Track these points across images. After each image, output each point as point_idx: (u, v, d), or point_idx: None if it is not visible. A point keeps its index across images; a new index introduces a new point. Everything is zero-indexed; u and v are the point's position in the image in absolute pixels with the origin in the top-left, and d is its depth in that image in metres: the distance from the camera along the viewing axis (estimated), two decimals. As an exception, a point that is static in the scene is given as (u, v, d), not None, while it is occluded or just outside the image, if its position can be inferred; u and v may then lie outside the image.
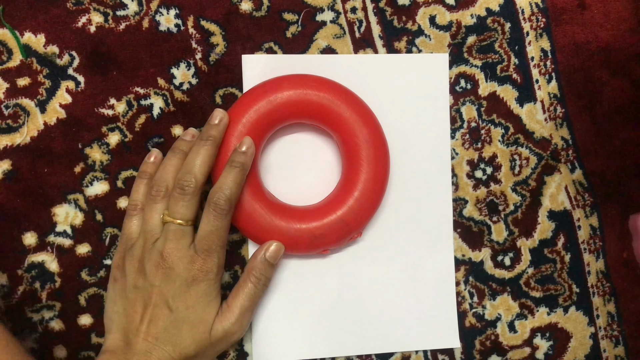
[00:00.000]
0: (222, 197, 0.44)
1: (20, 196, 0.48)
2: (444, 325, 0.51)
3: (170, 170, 0.46)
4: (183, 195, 0.44)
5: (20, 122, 0.48)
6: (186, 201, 0.44)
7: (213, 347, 0.45)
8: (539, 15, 0.50)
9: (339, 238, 0.47)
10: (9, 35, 0.47)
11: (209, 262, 0.44)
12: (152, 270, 0.44)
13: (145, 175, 0.47)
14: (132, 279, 0.45)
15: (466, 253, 0.51)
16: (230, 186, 0.44)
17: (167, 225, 0.44)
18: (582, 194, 0.52)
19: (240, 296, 0.46)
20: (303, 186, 0.50)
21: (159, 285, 0.44)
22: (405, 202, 0.50)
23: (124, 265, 0.45)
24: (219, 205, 0.44)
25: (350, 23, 0.50)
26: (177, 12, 0.48)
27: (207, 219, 0.44)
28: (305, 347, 0.50)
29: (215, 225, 0.44)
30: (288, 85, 0.46)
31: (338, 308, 0.50)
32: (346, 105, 0.46)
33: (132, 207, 0.47)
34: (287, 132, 0.50)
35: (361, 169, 0.47)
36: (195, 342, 0.44)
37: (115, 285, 0.46)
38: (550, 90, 0.51)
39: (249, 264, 0.47)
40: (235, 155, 0.45)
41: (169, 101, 0.49)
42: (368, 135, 0.46)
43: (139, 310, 0.44)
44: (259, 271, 0.46)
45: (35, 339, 0.49)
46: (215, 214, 0.44)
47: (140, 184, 0.47)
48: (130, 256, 0.45)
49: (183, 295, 0.44)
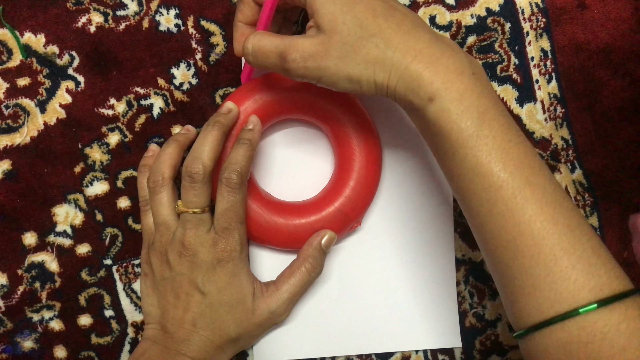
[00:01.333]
0: (233, 171, 0.43)
1: (20, 196, 0.48)
2: (445, 324, 0.51)
3: (165, 160, 0.45)
4: (193, 183, 0.43)
5: (20, 122, 0.48)
6: (197, 189, 0.43)
7: (257, 327, 0.46)
8: (539, 15, 0.50)
9: (339, 229, 0.47)
10: (9, 35, 0.47)
11: (231, 241, 0.44)
12: (177, 260, 0.44)
13: (146, 169, 0.47)
14: (159, 271, 0.45)
15: (466, 253, 0.51)
16: (239, 160, 0.43)
17: (183, 215, 0.44)
18: (582, 194, 0.52)
19: (291, 280, 0.46)
20: (298, 181, 0.50)
21: (187, 273, 0.44)
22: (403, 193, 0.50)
23: (150, 260, 0.45)
24: (231, 180, 0.43)
25: (350, 23, 0.49)
26: (177, 12, 0.48)
27: (221, 197, 0.43)
28: (305, 346, 0.50)
29: (231, 201, 0.43)
30: (275, 82, 0.46)
31: (338, 307, 0.50)
32: (333, 97, 0.46)
33: (144, 203, 0.47)
34: (277, 129, 0.50)
35: (354, 157, 0.47)
36: (235, 322, 0.44)
37: (146, 280, 0.46)
38: (550, 90, 0.51)
39: (304, 251, 0.47)
40: (243, 133, 0.45)
41: (169, 101, 0.49)
42: (357, 124, 0.46)
43: (172, 301, 0.44)
44: (315, 260, 0.46)
45: (35, 339, 0.49)
46: (229, 189, 0.43)
47: (143, 178, 0.47)
48: (153, 250, 0.45)
49: (212, 279, 0.44)
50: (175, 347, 0.44)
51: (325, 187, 0.49)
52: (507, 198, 0.36)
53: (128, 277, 0.49)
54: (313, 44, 0.38)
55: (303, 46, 0.38)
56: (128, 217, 0.49)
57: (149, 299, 0.46)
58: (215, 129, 0.44)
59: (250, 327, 0.45)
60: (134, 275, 0.49)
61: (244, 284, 0.45)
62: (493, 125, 0.36)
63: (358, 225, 0.49)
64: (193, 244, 0.43)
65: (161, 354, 0.44)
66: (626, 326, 0.34)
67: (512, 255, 0.36)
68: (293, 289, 0.46)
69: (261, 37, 0.40)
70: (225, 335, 0.44)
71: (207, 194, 0.44)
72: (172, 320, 0.44)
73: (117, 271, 0.49)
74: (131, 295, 0.49)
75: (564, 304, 0.35)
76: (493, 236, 0.37)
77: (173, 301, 0.44)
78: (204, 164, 0.43)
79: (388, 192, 0.50)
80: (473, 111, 0.36)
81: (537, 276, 0.35)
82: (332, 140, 0.48)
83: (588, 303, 0.34)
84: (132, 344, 0.49)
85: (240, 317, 0.45)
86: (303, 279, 0.46)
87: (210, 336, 0.44)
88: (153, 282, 0.46)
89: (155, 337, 0.45)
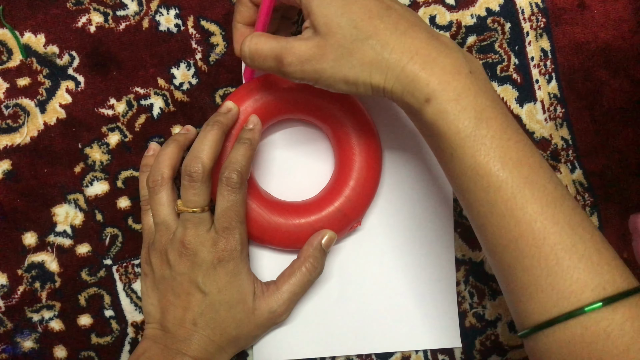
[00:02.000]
0: (233, 170, 0.43)
1: (20, 196, 0.48)
2: (445, 324, 0.51)
3: (164, 160, 0.45)
4: (192, 182, 0.43)
5: (20, 122, 0.48)
6: (196, 189, 0.43)
7: (257, 327, 0.46)
8: (539, 15, 0.50)
9: (339, 229, 0.47)
10: (9, 35, 0.47)
11: (232, 240, 0.44)
12: (177, 259, 0.44)
13: (148, 168, 0.47)
14: (160, 271, 0.45)
15: (466, 253, 0.51)
16: (239, 160, 0.43)
17: (183, 215, 0.44)
18: (582, 194, 0.52)
19: (292, 280, 0.46)
20: (298, 181, 0.50)
21: (187, 272, 0.44)
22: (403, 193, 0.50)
23: (150, 259, 0.45)
24: (231, 179, 0.43)
25: (350, 23, 0.49)
26: (177, 12, 0.48)
27: (221, 196, 0.43)
28: (305, 346, 0.50)
29: (231, 200, 0.43)
30: (274, 82, 0.46)
31: (338, 307, 0.50)
32: (332, 97, 0.46)
33: (144, 202, 0.47)
34: (277, 129, 0.50)
35: (354, 158, 0.47)
36: (236, 322, 0.44)
37: (146, 280, 0.46)
38: (550, 90, 0.51)
39: (305, 250, 0.47)
40: (244, 133, 0.45)
41: (169, 101, 0.49)
42: (357, 124, 0.46)
43: (172, 300, 0.44)
44: (316, 260, 0.46)
45: (35, 339, 0.49)
46: (229, 189, 0.43)
47: (144, 177, 0.47)
48: (153, 250, 0.45)
49: (212, 278, 0.44)
50: (176, 346, 0.44)
51: (325, 187, 0.49)
52: (507, 198, 0.35)
53: (128, 277, 0.49)
54: (309, 47, 0.37)
55: (299, 49, 0.38)
56: (128, 217, 0.49)
57: (149, 299, 0.46)
58: (215, 128, 0.43)
59: (251, 327, 0.45)
60: (134, 275, 0.49)
61: (244, 284, 0.45)
62: (491, 125, 0.36)
63: (358, 225, 0.49)
64: (193, 243, 0.43)
65: (161, 353, 0.44)
66: (630, 325, 0.34)
67: (513, 256, 0.36)
68: (293, 289, 0.46)
69: (258, 40, 0.39)
70: (225, 334, 0.45)
71: (206, 193, 0.43)
72: (172, 319, 0.44)
73: (117, 271, 0.49)
74: (131, 295, 0.49)
75: (566, 304, 0.34)
76: (494, 236, 0.37)
77: (173, 300, 0.44)
78: (203, 163, 0.42)
79: (388, 192, 0.50)
80: (470, 111, 0.36)
81: (539, 276, 0.35)
82: (332, 140, 0.48)
83: (592, 302, 0.34)
84: (132, 344, 0.49)
85: (240, 316, 0.45)
86: (304, 278, 0.46)
87: (210, 335, 0.44)
88: (153, 281, 0.46)
89: (155, 336, 0.45)
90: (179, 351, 0.44)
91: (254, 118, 0.45)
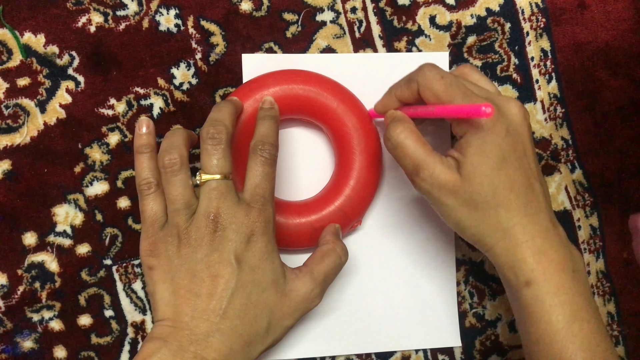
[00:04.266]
0: (267, 142, 0.41)
1: (20, 196, 0.48)
2: (445, 324, 0.51)
3: (178, 138, 0.42)
4: (216, 145, 0.40)
5: (20, 122, 0.48)
6: (221, 151, 0.40)
7: (290, 314, 0.41)
8: (539, 15, 0.50)
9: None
10: (9, 35, 0.47)
11: (266, 212, 0.40)
12: (201, 238, 0.39)
13: (146, 148, 0.43)
14: (177, 258, 0.40)
15: (466, 253, 0.51)
16: (270, 133, 0.42)
17: (206, 184, 0.39)
18: (582, 194, 0.52)
19: (325, 263, 0.43)
20: (298, 181, 0.50)
21: (215, 250, 0.39)
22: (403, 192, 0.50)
23: (158, 250, 0.40)
24: (265, 150, 0.41)
25: (350, 23, 0.50)
26: (177, 12, 0.48)
27: (254, 168, 0.41)
28: (305, 346, 0.50)
29: (265, 172, 0.41)
30: (273, 82, 0.46)
31: (338, 307, 0.50)
32: (333, 96, 0.46)
33: (146, 185, 0.41)
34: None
35: (354, 157, 0.47)
36: (268, 308, 0.40)
37: (152, 274, 0.40)
38: (550, 90, 0.51)
39: (326, 238, 0.45)
40: (264, 111, 0.44)
41: (169, 101, 0.49)
42: (357, 123, 0.47)
43: (193, 288, 0.39)
44: (342, 245, 0.45)
45: (35, 339, 0.49)
46: (263, 159, 0.41)
47: (143, 159, 0.42)
48: (168, 236, 0.40)
49: (244, 255, 0.39)
50: (193, 348, 0.38)
51: (326, 186, 0.49)
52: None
53: (128, 277, 0.49)
54: (447, 178, 0.39)
55: (438, 174, 0.39)
56: (128, 217, 0.49)
57: (159, 293, 0.40)
58: (229, 103, 0.43)
59: (283, 313, 0.41)
60: (134, 275, 0.49)
61: (277, 263, 0.41)
62: (583, 327, 0.38)
63: (358, 224, 0.49)
64: (222, 215, 0.39)
65: (173, 357, 0.38)
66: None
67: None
68: (327, 271, 0.43)
69: (409, 136, 0.40)
70: (256, 325, 0.39)
71: (230, 159, 0.40)
72: (191, 312, 0.38)
73: (117, 271, 0.49)
74: (131, 296, 0.49)
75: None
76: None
77: (194, 288, 0.39)
78: (225, 125, 0.40)
79: (388, 192, 0.50)
80: (566, 307, 0.39)
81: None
82: (333, 140, 0.48)
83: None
84: (132, 344, 0.49)
85: (272, 301, 0.40)
86: (336, 261, 0.43)
87: (239, 327, 0.39)
88: (164, 272, 0.40)
89: (166, 335, 0.38)
90: (196, 355, 0.38)
91: (267, 98, 0.45)
